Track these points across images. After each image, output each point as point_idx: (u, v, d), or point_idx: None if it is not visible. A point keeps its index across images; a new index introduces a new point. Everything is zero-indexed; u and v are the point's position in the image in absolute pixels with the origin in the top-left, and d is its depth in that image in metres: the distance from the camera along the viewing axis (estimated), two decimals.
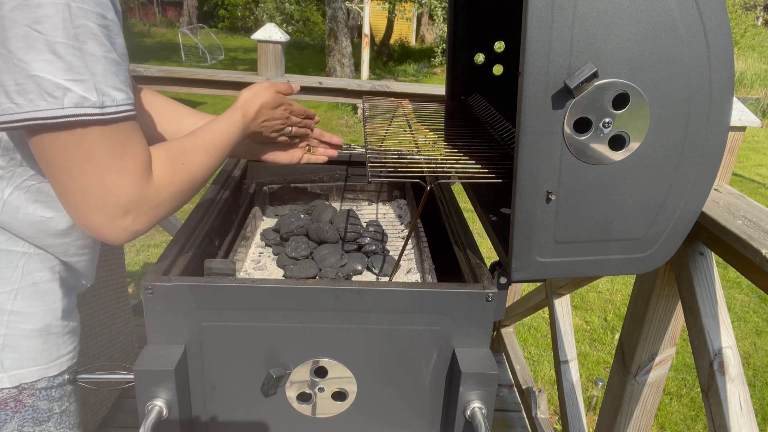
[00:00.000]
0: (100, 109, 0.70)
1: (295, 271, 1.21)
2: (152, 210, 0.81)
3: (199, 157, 0.91)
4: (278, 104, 1.10)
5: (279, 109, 1.11)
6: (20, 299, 0.87)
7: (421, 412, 1.07)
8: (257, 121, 1.08)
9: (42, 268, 0.89)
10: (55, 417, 0.96)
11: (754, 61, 13.37)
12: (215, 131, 0.97)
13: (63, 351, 0.95)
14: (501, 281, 1.00)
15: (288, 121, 1.15)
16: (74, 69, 0.67)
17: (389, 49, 17.29)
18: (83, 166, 0.72)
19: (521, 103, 0.83)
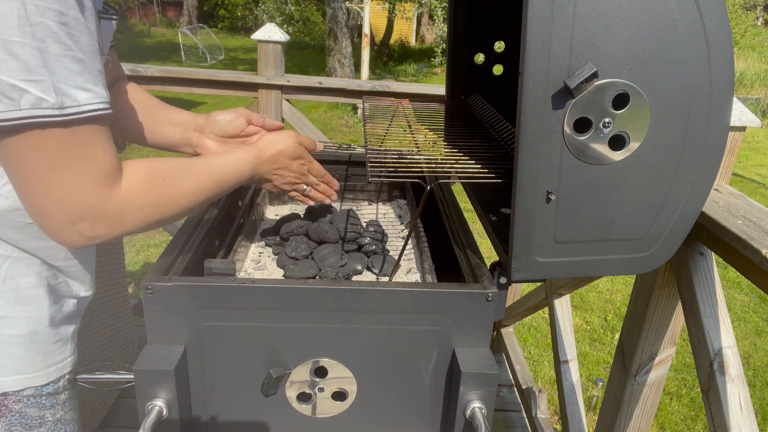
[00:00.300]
0: (59, 110, 0.68)
1: (295, 271, 1.21)
2: (113, 220, 0.78)
3: (189, 181, 0.88)
4: (297, 156, 1.07)
5: (297, 162, 1.08)
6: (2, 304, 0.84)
7: (421, 412, 1.07)
8: (270, 167, 1.04)
9: (27, 272, 0.86)
10: (48, 425, 0.95)
11: (754, 61, 13.37)
12: (220, 161, 0.95)
13: (51, 360, 0.92)
14: (501, 281, 1.00)
15: (304, 178, 1.11)
16: (31, 69, 0.65)
17: (389, 49, 17.29)
18: (40, 169, 0.70)
19: (521, 103, 0.83)
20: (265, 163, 1.03)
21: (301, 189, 1.13)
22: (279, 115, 2.60)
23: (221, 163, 0.96)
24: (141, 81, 2.54)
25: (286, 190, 1.12)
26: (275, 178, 1.07)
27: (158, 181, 0.83)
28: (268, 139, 1.05)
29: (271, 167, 1.05)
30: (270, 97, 2.55)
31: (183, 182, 0.87)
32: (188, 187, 0.88)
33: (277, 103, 2.57)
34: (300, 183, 1.12)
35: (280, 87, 2.53)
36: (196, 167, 0.91)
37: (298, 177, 1.10)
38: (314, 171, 1.13)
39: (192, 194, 0.89)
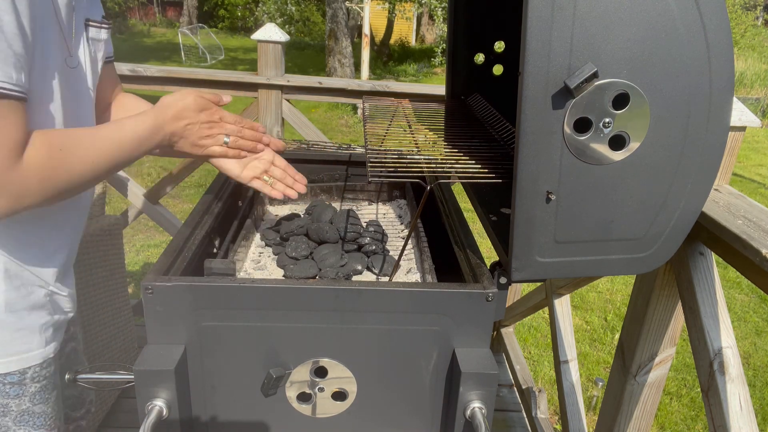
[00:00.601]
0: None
1: (295, 271, 1.21)
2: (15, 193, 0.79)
3: (88, 149, 0.87)
4: (202, 108, 1.05)
5: (205, 113, 1.05)
6: None
7: (421, 412, 1.07)
8: (179, 124, 1.02)
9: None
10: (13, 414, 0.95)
11: (754, 61, 13.37)
12: (118, 127, 0.94)
13: (12, 349, 0.92)
14: (501, 281, 1.00)
15: (219, 128, 1.08)
16: None
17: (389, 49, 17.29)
18: None
19: (521, 103, 0.83)
20: (170, 120, 1.01)
21: (221, 141, 1.09)
22: (279, 115, 2.60)
23: (121, 129, 0.94)
24: (141, 81, 2.54)
25: (206, 144, 1.08)
26: (188, 134, 1.04)
27: (55, 152, 0.83)
28: (167, 97, 1.03)
29: (178, 124, 1.02)
30: (270, 97, 2.55)
31: (80, 151, 0.87)
32: (86, 154, 0.88)
33: (277, 103, 2.57)
34: (216, 132, 1.08)
35: (280, 87, 2.53)
36: (96, 136, 0.90)
37: (211, 127, 1.07)
38: (226, 118, 1.10)
39: (91, 162, 0.89)
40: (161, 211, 2.78)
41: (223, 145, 1.10)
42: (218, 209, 1.30)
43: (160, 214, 2.78)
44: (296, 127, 2.72)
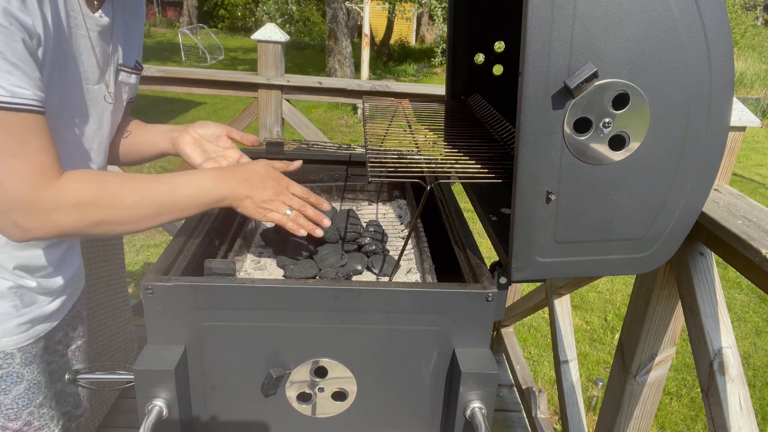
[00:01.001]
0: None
1: (295, 271, 1.21)
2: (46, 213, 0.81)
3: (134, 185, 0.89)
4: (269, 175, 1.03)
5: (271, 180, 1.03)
6: None
7: (421, 412, 1.07)
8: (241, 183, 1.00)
9: None
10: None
11: (754, 61, 13.37)
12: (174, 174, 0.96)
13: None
14: (501, 281, 1.00)
15: (284, 197, 1.05)
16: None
17: (389, 49, 17.29)
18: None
19: (521, 103, 0.83)
20: (233, 178, 1.00)
21: (284, 211, 1.05)
22: (279, 115, 2.60)
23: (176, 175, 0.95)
24: (141, 81, 2.54)
25: (267, 209, 1.04)
26: (253, 194, 1.01)
27: (99, 181, 0.86)
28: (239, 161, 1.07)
29: (242, 181, 1.00)
30: (270, 97, 2.55)
31: (127, 185, 0.89)
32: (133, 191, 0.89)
33: (277, 103, 2.57)
34: (281, 203, 1.05)
35: (280, 87, 2.53)
36: (145, 177, 0.92)
37: (277, 194, 1.04)
38: (295, 191, 1.07)
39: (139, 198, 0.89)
40: None
41: (284, 216, 1.06)
42: (218, 209, 1.30)
43: None
44: (296, 127, 2.72)
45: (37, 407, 1.08)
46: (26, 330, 1.03)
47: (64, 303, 1.11)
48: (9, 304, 0.99)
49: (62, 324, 1.17)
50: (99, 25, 0.95)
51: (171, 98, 9.89)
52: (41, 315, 1.06)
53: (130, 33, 1.09)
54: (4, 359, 1.01)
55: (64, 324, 1.17)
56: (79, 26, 0.91)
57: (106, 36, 0.98)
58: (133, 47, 1.11)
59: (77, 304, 1.22)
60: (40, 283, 1.04)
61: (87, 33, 0.93)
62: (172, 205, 0.94)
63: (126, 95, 1.12)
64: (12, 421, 1.05)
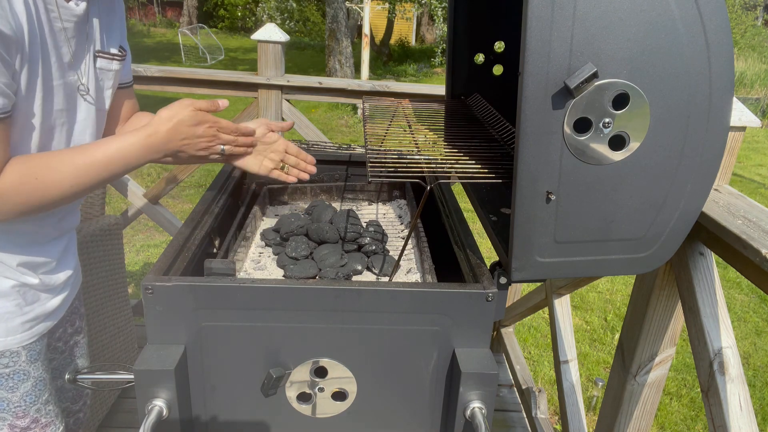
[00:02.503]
0: None
1: (295, 271, 1.21)
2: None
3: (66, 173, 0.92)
4: (198, 122, 1.05)
5: (201, 127, 1.05)
6: None
7: (421, 412, 1.07)
8: (174, 140, 1.03)
9: None
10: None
11: (754, 61, 13.37)
12: (104, 149, 0.96)
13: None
14: (501, 281, 1.00)
15: (217, 139, 1.09)
16: None
17: (389, 49, 17.28)
18: None
19: (521, 103, 0.83)
20: (165, 138, 1.02)
21: (218, 150, 1.10)
22: (279, 115, 2.60)
23: (107, 150, 0.97)
24: (141, 81, 2.54)
25: (203, 156, 1.09)
26: (186, 149, 1.05)
27: (30, 180, 0.89)
28: (162, 115, 1.03)
29: (174, 140, 1.03)
30: (270, 97, 2.55)
31: (58, 178, 0.92)
32: (65, 182, 0.92)
33: (277, 103, 2.57)
34: (214, 145, 1.09)
35: (280, 87, 2.53)
36: (77, 161, 0.94)
37: (210, 140, 1.08)
38: (224, 129, 1.10)
39: (69, 187, 0.93)
40: (161, 211, 2.78)
41: (220, 154, 1.12)
42: (218, 209, 1.30)
43: (160, 214, 2.78)
44: (296, 127, 2.72)
45: (43, 404, 1.09)
46: (30, 328, 1.04)
47: (64, 300, 1.12)
48: (12, 303, 1.00)
49: (62, 321, 1.17)
50: (75, 15, 0.95)
51: (171, 98, 9.85)
52: (44, 312, 1.06)
53: (108, 18, 1.07)
54: (11, 357, 1.02)
55: (63, 321, 1.18)
56: (55, 19, 0.91)
57: (82, 24, 0.97)
58: (114, 32, 1.08)
59: (75, 300, 1.22)
60: (42, 280, 1.05)
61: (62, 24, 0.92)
62: (107, 180, 0.98)
63: (110, 82, 1.09)
64: (20, 419, 1.05)
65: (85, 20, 0.99)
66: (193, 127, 1.04)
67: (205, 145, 1.08)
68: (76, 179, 0.93)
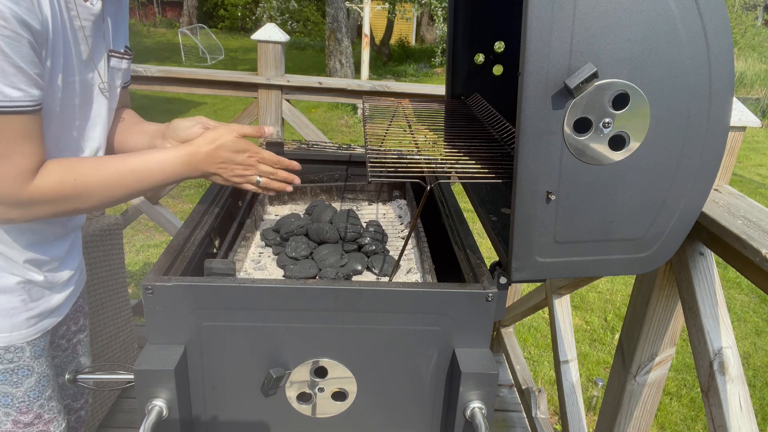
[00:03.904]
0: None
1: (295, 271, 1.21)
2: (25, 208, 0.89)
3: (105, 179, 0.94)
4: (240, 150, 1.06)
5: (242, 155, 1.06)
6: None
7: (421, 412, 1.07)
8: (212, 162, 1.04)
9: None
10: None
11: (754, 61, 13.36)
12: (144, 162, 0.99)
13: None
14: (501, 281, 1.00)
15: (254, 170, 1.09)
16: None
17: (389, 49, 17.28)
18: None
19: (521, 103, 0.83)
20: (204, 159, 1.04)
21: (254, 180, 1.10)
22: (279, 115, 2.60)
23: (148, 162, 0.99)
24: (141, 81, 2.54)
25: (237, 182, 1.10)
26: (222, 172, 1.07)
27: (68, 181, 0.91)
28: (206, 136, 1.05)
29: (212, 162, 1.05)
30: (270, 97, 2.55)
31: (96, 182, 0.94)
32: (102, 186, 0.95)
33: (277, 103, 2.57)
34: (251, 174, 1.09)
35: (280, 87, 2.53)
36: (117, 168, 0.96)
37: (246, 168, 1.08)
38: (266, 160, 1.10)
39: (105, 191, 0.96)
40: (161, 211, 2.78)
41: (255, 185, 1.12)
42: (218, 209, 1.30)
43: (160, 214, 2.78)
44: (296, 127, 2.72)
45: (46, 400, 1.09)
46: (34, 324, 1.04)
47: (68, 297, 1.13)
48: (18, 299, 1.00)
49: (66, 319, 1.18)
50: (92, 14, 0.97)
51: (171, 98, 9.89)
52: (48, 309, 1.07)
53: (118, 18, 1.09)
54: (15, 353, 1.02)
55: (67, 319, 1.19)
56: (74, 17, 0.93)
57: (98, 23, 1.00)
58: (121, 32, 1.11)
59: (80, 298, 1.23)
60: (47, 277, 1.05)
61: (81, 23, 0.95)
62: (142, 191, 1.01)
63: (119, 81, 1.12)
64: (24, 414, 1.06)
65: (101, 19, 1.01)
66: (233, 153, 1.06)
67: (242, 172, 1.09)
68: (112, 185, 0.95)
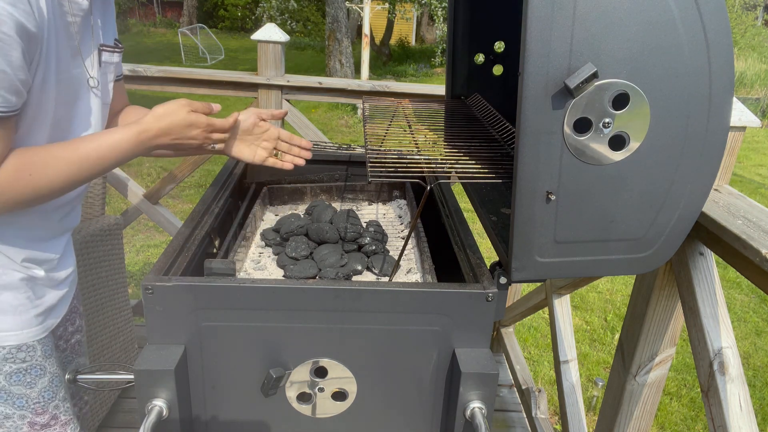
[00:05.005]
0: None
1: (295, 271, 1.21)
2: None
3: (59, 169, 0.94)
4: (191, 124, 1.07)
5: (194, 130, 1.08)
6: None
7: (421, 412, 1.07)
8: (165, 138, 1.05)
9: None
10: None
11: (754, 61, 13.37)
12: (96, 145, 0.98)
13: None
14: (501, 281, 1.00)
15: (210, 139, 1.12)
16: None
17: (389, 49, 17.28)
18: None
19: (521, 103, 0.83)
20: (155, 135, 1.04)
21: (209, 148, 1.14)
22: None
23: (99, 147, 0.99)
24: (141, 81, 2.54)
25: (193, 153, 1.16)
26: (176, 146, 1.09)
27: (24, 176, 0.90)
28: (156, 112, 1.05)
29: (165, 138, 1.05)
30: (270, 97, 2.55)
31: (51, 175, 0.93)
32: (59, 178, 0.94)
33: (277, 104, 2.57)
34: (206, 144, 1.12)
35: (280, 87, 2.53)
36: (68, 155, 0.95)
37: (203, 141, 1.11)
38: (217, 129, 1.12)
39: (63, 182, 0.95)
40: (161, 211, 2.78)
41: (211, 149, 1.16)
42: (218, 209, 1.30)
43: (160, 214, 2.78)
44: (296, 127, 2.72)
45: (61, 401, 1.09)
46: (42, 322, 1.04)
47: (65, 296, 1.13)
48: (23, 296, 1.00)
49: (63, 320, 1.18)
50: (82, 9, 0.97)
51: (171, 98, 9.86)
52: (51, 307, 1.07)
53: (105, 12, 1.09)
54: (27, 352, 1.02)
55: (64, 320, 1.18)
56: (66, 13, 0.93)
57: (87, 19, 1.00)
58: (109, 25, 1.11)
59: (74, 299, 1.22)
60: (48, 274, 1.05)
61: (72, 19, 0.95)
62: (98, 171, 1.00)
63: (111, 75, 1.12)
64: (39, 415, 1.05)
65: (89, 14, 1.01)
66: (185, 128, 1.07)
67: (196, 143, 1.11)
68: (68, 175, 0.95)
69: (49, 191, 0.94)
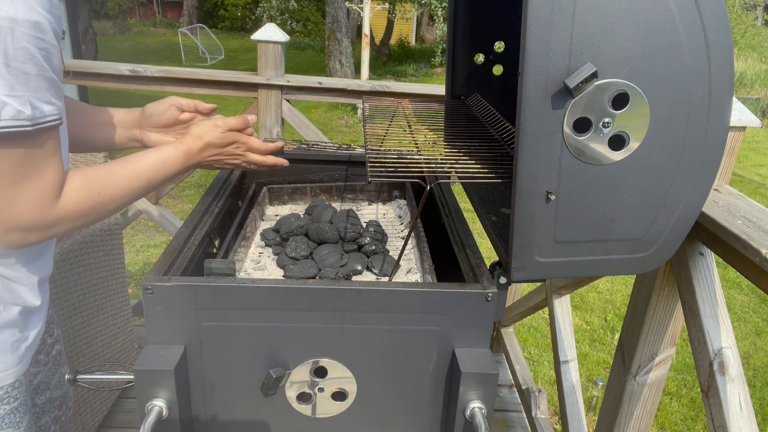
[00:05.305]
0: (31, 121, 0.76)
1: (295, 271, 1.21)
2: (46, 230, 0.84)
3: (120, 189, 0.94)
4: (227, 143, 1.10)
5: (229, 147, 1.11)
6: None
7: (421, 412, 1.07)
8: (203, 157, 1.08)
9: None
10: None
11: (754, 61, 13.37)
12: (150, 163, 0.99)
13: None
14: (501, 281, 1.00)
15: (244, 158, 1.14)
16: (13, 86, 0.74)
17: (389, 49, 17.28)
18: None
19: (521, 103, 0.83)
20: (196, 155, 1.07)
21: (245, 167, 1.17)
22: (279, 115, 2.60)
23: (151, 165, 1.00)
24: (141, 81, 2.54)
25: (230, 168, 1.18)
26: (214, 163, 1.12)
27: (93, 195, 0.89)
28: (194, 133, 1.07)
29: (204, 157, 1.09)
30: (270, 97, 2.55)
31: (115, 192, 0.93)
32: (120, 194, 0.94)
33: (277, 103, 2.57)
34: (241, 163, 1.15)
35: (280, 87, 2.53)
36: (128, 174, 0.96)
37: (235, 158, 1.13)
38: (254, 149, 1.14)
39: (122, 199, 0.95)
40: (161, 211, 2.78)
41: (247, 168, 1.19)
42: (218, 209, 1.30)
43: (160, 214, 2.78)
44: (296, 127, 2.72)
45: None
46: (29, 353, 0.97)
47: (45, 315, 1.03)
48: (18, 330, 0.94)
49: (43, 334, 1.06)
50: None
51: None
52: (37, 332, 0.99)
53: None
54: (19, 388, 0.95)
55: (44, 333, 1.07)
56: None
57: None
58: None
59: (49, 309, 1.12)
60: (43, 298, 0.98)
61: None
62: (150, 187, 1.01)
63: None
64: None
65: None
66: (221, 147, 1.10)
67: (232, 162, 1.14)
68: (129, 191, 0.96)
69: (114, 208, 0.94)
